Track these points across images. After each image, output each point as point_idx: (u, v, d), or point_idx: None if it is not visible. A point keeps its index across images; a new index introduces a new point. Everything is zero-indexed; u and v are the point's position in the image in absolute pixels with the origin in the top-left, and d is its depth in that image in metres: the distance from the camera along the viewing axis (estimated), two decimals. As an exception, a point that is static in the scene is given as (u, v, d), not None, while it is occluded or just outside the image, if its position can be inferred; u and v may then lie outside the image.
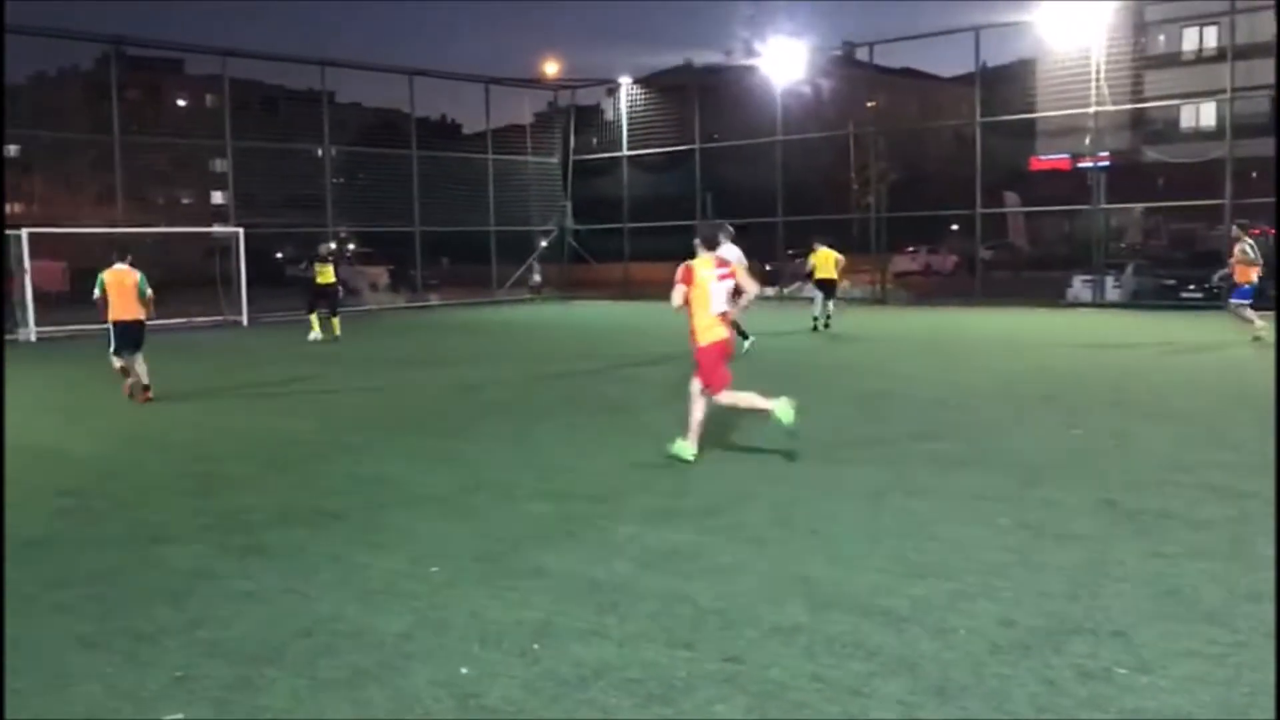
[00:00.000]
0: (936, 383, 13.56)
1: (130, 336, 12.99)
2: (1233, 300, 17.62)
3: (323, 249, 22.52)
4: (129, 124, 29.44)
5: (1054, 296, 27.60)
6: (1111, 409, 11.24)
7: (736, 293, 8.99)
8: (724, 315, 8.88)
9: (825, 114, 39.90)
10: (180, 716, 4.26)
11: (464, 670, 4.63)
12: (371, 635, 5.08)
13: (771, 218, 31.61)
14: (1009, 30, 28.90)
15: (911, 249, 45.51)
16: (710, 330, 8.77)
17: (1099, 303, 26.25)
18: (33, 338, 23.30)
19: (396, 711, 4.27)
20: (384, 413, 12.19)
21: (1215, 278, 20.98)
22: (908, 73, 57.07)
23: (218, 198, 50.71)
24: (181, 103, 58.65)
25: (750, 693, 4.35)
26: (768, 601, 5.42)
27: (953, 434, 9.96)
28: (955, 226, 42.68)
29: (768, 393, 8.78)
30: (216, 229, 29.42)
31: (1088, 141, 29.40)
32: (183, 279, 26.75)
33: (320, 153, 31.89)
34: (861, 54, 32.12)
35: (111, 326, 12.92)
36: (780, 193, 31.62)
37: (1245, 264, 17.17)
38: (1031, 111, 29.69)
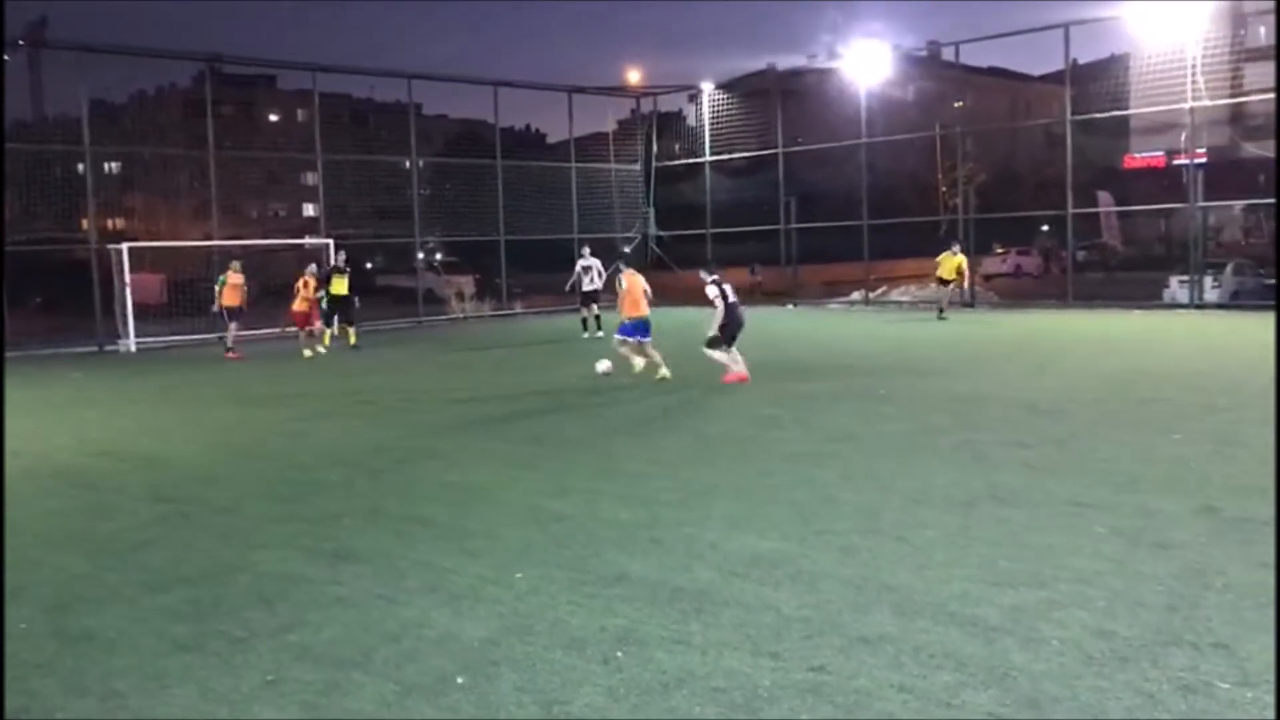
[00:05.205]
0: (1028, 387, 13.28)
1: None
2: None
3: (338, 259, 23.27)
4: (224, 139, 30.21)
5: (1150, 298, 26.86)
6: (1212, 413, 10.87)
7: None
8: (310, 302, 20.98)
9: (911, 115, 39.47)
10: None
11: (549, 678, 4.65)
12: (457, 641, 5.13)
13: (856, 221, 31.31)
14: (1100, 26, 28.13)
15: (1000, 250, 44.81)
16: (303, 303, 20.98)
17: (1197, 304, 25.41)
18: (132, 348, 24.03)
19: (482, 717, 4.30)
20: (470, 419, 12.31)
21: None
22: (995, 72, 56.29)
23: (309, 210, 51.85)
24: (274, 118, 60.05)
25: (836, 703, 4.30)
26: (854, 610, 5.35)
27: (1045, 439, 9.73)
28: (1046, 227, 41.90)
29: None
30: (308, 240, 30.03)
31: (1184, 138, 28.57)
32: (276, 290, 27.25)
33: (407, 164, 32.42)
34: (948, 54, 31.66)
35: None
36: (865, 196, 31.27)
37: None
38: (1125, 108, 28.85)
